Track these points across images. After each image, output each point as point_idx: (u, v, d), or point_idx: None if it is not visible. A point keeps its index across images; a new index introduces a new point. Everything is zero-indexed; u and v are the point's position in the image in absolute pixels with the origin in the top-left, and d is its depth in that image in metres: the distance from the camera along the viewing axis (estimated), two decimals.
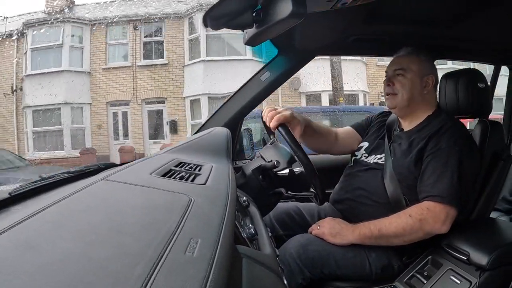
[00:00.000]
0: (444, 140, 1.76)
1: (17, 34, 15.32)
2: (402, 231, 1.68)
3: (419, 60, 1.92)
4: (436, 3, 1.94)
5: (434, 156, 1.75)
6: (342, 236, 1.77)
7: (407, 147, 1.86)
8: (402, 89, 1.90)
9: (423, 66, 1.92)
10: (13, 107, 15.64)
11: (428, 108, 1.95)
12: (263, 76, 2.30)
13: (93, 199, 0.77)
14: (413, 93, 1.90)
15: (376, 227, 1.72)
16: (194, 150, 1.46)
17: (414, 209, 1.71)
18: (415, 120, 1.95)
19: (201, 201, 0.84)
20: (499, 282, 1.57)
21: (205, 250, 0.60)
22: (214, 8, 1.15)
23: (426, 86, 1.93)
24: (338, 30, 2.13)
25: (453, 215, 1.69)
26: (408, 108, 1.93)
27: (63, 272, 0.47)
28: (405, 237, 1.70)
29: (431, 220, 1.67)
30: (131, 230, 0.62)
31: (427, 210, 1.68)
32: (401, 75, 1.91)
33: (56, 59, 15.48)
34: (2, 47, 15.60)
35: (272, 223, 1.96)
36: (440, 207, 1.68)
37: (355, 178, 1.97)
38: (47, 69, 15.24)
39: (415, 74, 1.90)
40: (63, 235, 0.57)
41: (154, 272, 0.50)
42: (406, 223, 1.68)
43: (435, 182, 1.71)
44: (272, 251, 1.11)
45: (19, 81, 15.58)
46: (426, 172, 1.76)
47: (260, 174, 1.70)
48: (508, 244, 1.65)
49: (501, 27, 2.23)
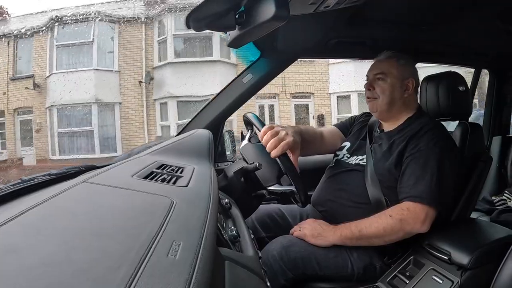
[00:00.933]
0: (424, 142, 1.79)
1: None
2: (382, 231, 1.70)
3: (399, 64, 1.94)
4: (418, 7, 1.97)
5: (414, 157, 1.77)
6: (323, 237, 1.78)
7: (388, 149, 1.88)
8: (382, 94, 1.92)
9: (403, 70, 1.94)
10: (142, 99, 15.23)
11: (408, 110, 1.97)
12: (245, 78, 2.30)
13: (74, 202, 0.76)
14: (394, 97, 1.92)
15: (357, 227, 1.74)
16: (176, 152, 1.45)
17: (395, 209, 1.73)
18: (396, 122, 1.97)
19: (183, 203, 0.83)
20: (480, 281, 1.59)
21: (187, 253, 0.60)
22: (197, 9, 1.15)
23: (407, 90, 1.95)
24: (320, 33, 2.14)
25: (432, 215, 1.71)
26: (388, 112, 1.96)
27: (45, 276, 0.47)
28: (386, 237, 1.72)
29: (411, 220, 1.69)
30: (112, 233, 0.62)
31: (407, 210, 1.70)
32: (381, 79, 1.93)
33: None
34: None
35: (254, 225, 1.96)
36: (419, 207, 1.70)
37: (337, 180, 1.98)
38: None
39: (395, 78, 1.92)
40: (44, 238, 0.56)
41: (137, 275, 0.50)
42: (387, 224, 1.70)
43: (415, 183, 1.73)
44: (255, 253, 1.11)
45: (149, 71, 15.17)
46: (406, 173, 1.78)
47: (242, 176, 1.70)
48: (488, 244, 1.67)
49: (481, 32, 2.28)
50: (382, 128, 2.03)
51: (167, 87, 14.83)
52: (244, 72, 2.32)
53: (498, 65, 3.21)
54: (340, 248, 1.78)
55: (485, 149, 2.15)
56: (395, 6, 1.96)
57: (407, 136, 1.84)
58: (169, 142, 1.54)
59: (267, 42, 2.18)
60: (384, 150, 1.89)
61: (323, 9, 1.62)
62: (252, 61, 2.35)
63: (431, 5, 1.96)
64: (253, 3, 1.13)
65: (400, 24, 2.14)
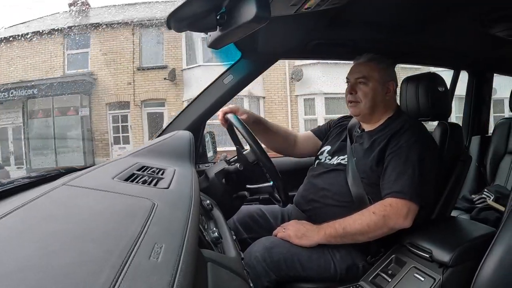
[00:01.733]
0: (405, 139, 1.81)
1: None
2: (366, 228, 1.71)
3: (380, 67, 1.96)
4: (398, 10, 1.98)
5: (395, 154, 1.80)
6: (308, 237, 1.78)
7: (369, 146, 1.90)
8: (364, 98, 1.93)
9: (384, 73, 1.96)
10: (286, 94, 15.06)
11: (389, 110, 2.00)
12: (226, 79, 2.29)
13: (54, 205, 0.75)
14: (376, 101, 1.94)
15: (340, 225, 1.75)
16: (157, 153, 1.44)
17: (377, 206, 1.75)
18: (377, 122, 1.99)
19: (165, 205, 0.83)
20: (462, 278, 1.61)
21: (170, 255, 0.60)
22: (178, 10, 1.14)
23: (388, 92, 1.97)
24: (301, 34, 2.15)
25: (414, 210, 1.73)
26: (371, 115, 1.97)
27: (23, 282, 0.46)
28: (370, 234, 1.73)
29: (394, 215, 1.71)
30: (93, 237, 0.61)
31: (390, 206, 1.72)
32: (363, 83, 1.94)
33: None
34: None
35: (236, 227, 1.96)
36: (402, 202, 1.72)
37: (319, 179, 1.99)
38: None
39: (376, 82, 1.94)
40: (23, 243, 0.56)
41: (119, 278, 0.50)
42: (370, 220, 1.71)
43: (396, 179, 1.75)
44: (237, 254, 1.11)
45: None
46: (388, 169, 1.80)
47: (223, 177, 1.70)
48: (469, 241, 1.69)
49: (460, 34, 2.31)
50: (363, 128, 2.05)
51: (315, 85, 14.93)
52: (225, 73, 2.32)
53: (476, 67, 3.26)
54: (323, 249, 1.79)
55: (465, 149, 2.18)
56: (375, 9, 1.98)
57: (388, 134, 1.86)
58: (150, 144, 1.53)
59: (248, 43, 2.17)
60: (365, 148, 1.91)
61: (304, 10, 1.62)
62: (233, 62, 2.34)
63: (411, 8, 1.97)
64: (234, 4, 1.13)
65: (381, 26, 2.15)
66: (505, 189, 2.93)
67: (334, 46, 2.38)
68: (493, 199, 2.80)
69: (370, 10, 1.98)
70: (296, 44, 2.29)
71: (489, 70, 3.34)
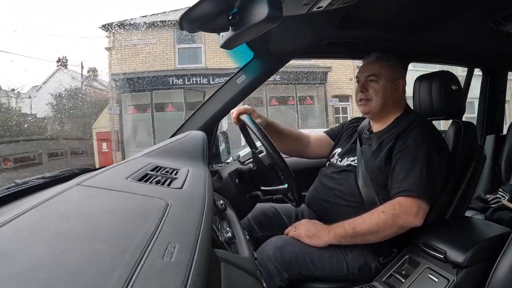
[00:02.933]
0: (412, 138, 1.80)
1: None
2: (376, 227, 1.70)
3: (389, 65, 1.96)
4: (410, 8, 1.97)
5: (403, 153, 1.79)
6: (318, 237, 1.78)
7: (377, 147, 1.89)
8: (375, 95, 1.93)
9: (394, 71, 1.97)
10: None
11: (397, 110, 1.99)
12: (238, 79, 2.29)
13: (67, 205, 0.76)
14: (386, 98, 1.94)
15: (350, 226, 1.74)
16: (170, 154, 1.45)
17: (386, 205, 1.74)
18: (385, 122, 1.99)
19: (178, 205, 0.83)
20: (476, 278, 1.60)
21: (183, 255, 0.60)
22: (190, 11, 1.15)
23: (397, 90, 1.97)
24: (313, 34, 2.14)
25: (424, 208, 1.72)
26: (380, 113, 1.97)
27: (35, 281, 0.46)
28: (380, 233, 1.72)
29: (403, 214, 1.69)
30: (107, 236, 0.61)
31: (399, 205, 1.71)
32: (374, 81, 1.94)
33: None
34: None
35: (251, 224, 1.97)
36: (411, 201, 1.71)
37: (329, 180, 1.99)
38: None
39: (386, 80, 1.94)
40: (36, 243, 0.56)
41: (132, 278, 0.50)
42: (379, 219, 1.70)
43: (405, 177, 1.74)
44: (250, 254, 1.11)
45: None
46: (396, 169, 1.79)
47: (237, 177, 1.70)
48: (483, 241, 1.67)
49: (473, 32, 2.28)
50: (372, 130, 2.04)
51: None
52: (238, 73, 2.32)
53: (490, 65, 3.22)
54: (335, 248, 1.79)
55: (479, 148, 2.15)
56: (387, 7, 1.97)
57: (396, 134, 1.86)
58: (163, 144, 1.53)
59: (260, 43, 2.18)
60: (373, 149, 1.90)
61: (316, 10, 1.62)
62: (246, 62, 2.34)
63: (423, 6, 1.96)
64: (246, 4, 1.13)
65: (393, 25, 2.14)
66: None
67: (346, 45, 2.37)
68: (508, 199, 2.76)
69: (381, 9, 1.98)
70: (308, 44, 2.28)
71: (503, 68, 3.30)
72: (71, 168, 1.39)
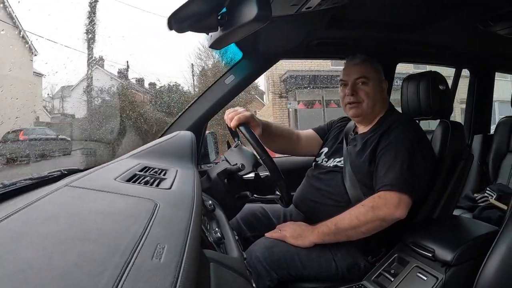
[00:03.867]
0: (394, 135, 1.82)
1: None
2: (356, 221, 1.71)
3: (375, 67, 1.99)
4: (398, 9, 1.98)
5: (385, 150, 1.81)
6: (303, 237, 1.79)
7: (362, 147, 1.91)
8: (366, 97, 1.94)
9: (379, 72, 1.99)
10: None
11: (381, 110, 2.01)
12: (227, 79, 2.30)
13: (56, 206, 0.75)
14: (376, 100, 1.96)
15: (332, 223, 1.75)
16: (159, 154, 1.44)
17: (367, 200, 1.76)
18: (370, 123, 2.01)
19: (167, 206, 0.83)
20: (464, 277, 1.62)
21: (172, 256, 0.60)
22: (179, 10, 1.14)
23: (383, 91, 2.00)
24: (302, 34, 2.15)
25: (407, 201, 1.73)
26: (371, 114, 1.99)
27: (24, 283, 0.46)
28: (362, 228, 1.72)
29: (383, 206, 1.70)
30: (95, 237, 0.61)
31: (378, 198, 1.72)
32: (364, 83, 1.95)
33: None
34: None
35: (239, 225, 1.97)
36: (391, 194, 1.72)
37: (317, 181, 2.00)
38: None
39: (375, 81, 1.96)
40: (25, 244, 0.55)
41: (122, 279, 0.50)
42: (359, 212, 1.71)
43: (386, 173, 1.76)
44: (240, 254, 1.11)
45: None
46: (379, 166, 1.81)
47: (225, 177, 1.70)
48: (472, 240, 1.70)
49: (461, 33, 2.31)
50: (357, 131, 2.06)
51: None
52: (226, 73, 2.32)
53: (478, 65, 3.26)
54: (323, 248, 1.80)
55: (467, 147, 2.17)
56: (376, 8, 1.98)
57: (379, 133, 1.88)
58: (152, 144, 1.53)
59: (249, 43, 2.18)
60: (358, 149, 1.92)
61: (305, 10, 1.63)
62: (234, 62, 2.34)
63: (411, 7, 1.98)
64: (235, 4, 1.13)
65: (381, 25, 2.16)
66: (507, 188, 2.93)
67: (335, 45, 2.38)
68: (496, 197, 2.80)
69: (370, 9, 1.99)
70: (298, 44, 2.29)
71: (491, 69, 3.34)
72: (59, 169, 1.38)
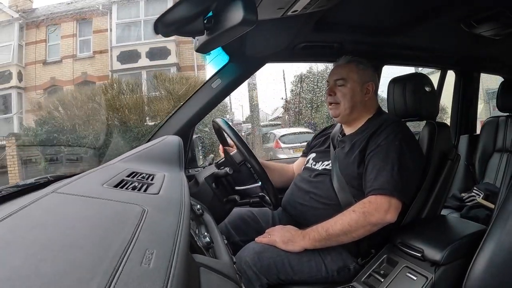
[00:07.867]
0: (383, 137, 1.83)
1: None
2: (348, 227, 1.72)
3: (359, 68, 1.99)
4: (383, 12, 2.00)
5: (375, 152, 1.81)
6: (294, 242, 1.78)
7: (350, 149, 1.92)
8: (343, 99, 1.97)
9: (363, 74, 2.00)
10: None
11: (369, 112, 2.03)
12: (214, 83, 2.29)
13: (43, 213, 0.74)
14: (355, 101, 1.97)
15: (323, 228, 1.75)
16: (147, 159, 1.43)
17: (357, 204, 1.76)
18: (357, 124, 2.02)
19: (155, 211, 0.82)
20: (454, 276, 1.63)
21: (161, 261, 0.60)
22: (166, 14, 1.14)
23: (367, 93, 2.00)
24: (288, 37, 2.16)
25: (397, 205, 1.74)
26: (350, 115, 2.00)
27: None
28: (353, 233, 1.73)
29: (374, 211, 1.71)
30: (84, 244, 0.61)
31: (369, 203, 1.73)
32: (342, 85, 1.97)
33: None
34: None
35: (228, 229, 1.97)
36: (381, 198, 1.73)
37: (305, 184, 2.01)
38: None
39: (355, 83, 1.97)
40: (12, 252, 0.55)
41: (111, 285, 0.49)
42: (351, 219, 1.72)
43: (376, 176, 1.77)
44: (229, 258, 1.11)
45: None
46: (368, 169, 1.81)
47: (213, 181, 1.70)
48: (460, 239, 1.71)
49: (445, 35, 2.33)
50: (344, 133, 2.07)
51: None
52: (213, 77, 2.32)
53: (463, 66, 3.30)
54: (313, 251, 1.80)
55: (453, 148, 2.19)
56: (361, 11, 2.00)
57: (368, 134, 1.88)
58: (139, 149, 1.52)
59: (236, 47, 2.18)
60: (346, 151, 1.93)
61: (291, 13, 1.63)
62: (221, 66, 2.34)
63: (396, 10, 2.00)
64: (222, 8, 1.13)
65: (366, 28, 2.18)
66: (494, 187, 2.97)
67: (321, 48, 2.39)
68: (483, 197, 2.83)
69: (355, 13, 2.01)
70: (284, 47, 2.30)
71: (476, 70, 3.38)
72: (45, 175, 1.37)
